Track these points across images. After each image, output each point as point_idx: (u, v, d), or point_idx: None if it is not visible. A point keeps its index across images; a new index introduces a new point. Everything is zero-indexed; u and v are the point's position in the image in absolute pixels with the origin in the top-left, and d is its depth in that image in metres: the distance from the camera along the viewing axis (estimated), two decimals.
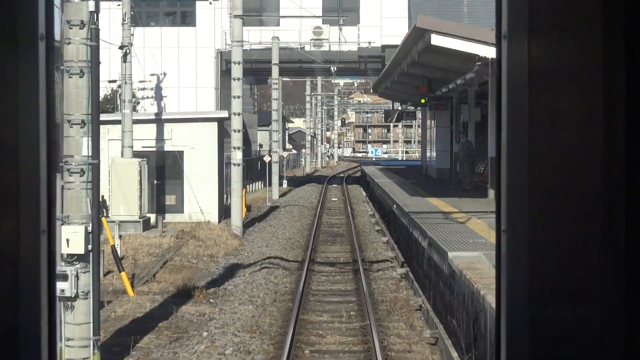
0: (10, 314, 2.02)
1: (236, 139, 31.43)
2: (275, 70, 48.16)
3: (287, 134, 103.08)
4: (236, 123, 31.47)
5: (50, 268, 2.08)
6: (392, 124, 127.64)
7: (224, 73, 53.55)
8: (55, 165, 2.11)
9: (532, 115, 2.06)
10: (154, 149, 33.98)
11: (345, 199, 46.40)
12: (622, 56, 1.85)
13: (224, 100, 53.80)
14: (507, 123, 2.14)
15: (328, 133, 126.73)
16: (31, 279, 2.04)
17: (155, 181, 34.13)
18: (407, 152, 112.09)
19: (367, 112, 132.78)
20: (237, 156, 31.41)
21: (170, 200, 34.39)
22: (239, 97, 31.51)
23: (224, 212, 34.57)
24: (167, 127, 33.98)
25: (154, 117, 34.03)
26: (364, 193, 51.80)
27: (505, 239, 2.16)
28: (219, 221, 34.07)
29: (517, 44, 2.12)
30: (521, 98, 2.08)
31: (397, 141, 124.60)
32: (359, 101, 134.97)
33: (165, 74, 52.95)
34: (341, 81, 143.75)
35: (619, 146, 1.85)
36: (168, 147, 33.81)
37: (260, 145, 65.32)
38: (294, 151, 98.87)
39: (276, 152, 49.28)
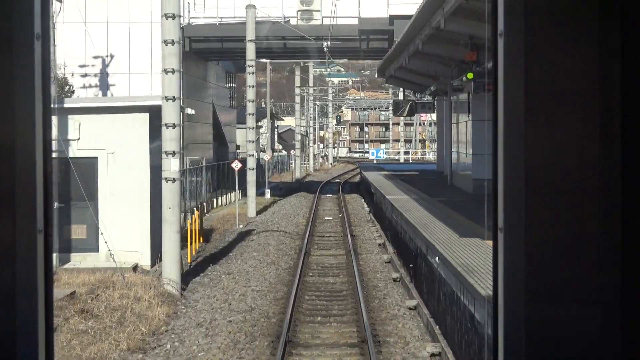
0: (7, 314, 1.98)
1: (170, 139, 19.11)
2: (250, 49, 35.83)
3: (276, 132, 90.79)
4: (170, 113, 19.15)
5: (47, 268, 2.03)
6: (391, 123, 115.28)
7: (188, 55, 41.16)
8: (51, 165, 2.06)
9: (529, 113, 1.99)
10: (54, 155, 21.60)
11: (342, 218, 34.09)
12: (619, 53, 1.88)
13: (187, 89, 41.41)
14: (504, 120, 2.03)
15: (322, 132, 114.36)
16: (28, 278, 2.00)
17: (56, 204, 21.75)
18: (406, 153, 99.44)
19: (364, 109, 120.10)
20: (172, 167, 19.08)
21: (78, 232, 22.06)
22: (173, 71, 19.18)
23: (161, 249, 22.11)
24: (73, 120, 21.69)
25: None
26: (365, 207, 39.51)
27: (502, 238, 2.04)
28: (153, 264, 21.79)
29: (514, 42, 2.02)
30: (517, 96, 2.00)
31: (397, 140, 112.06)
32: (355, 97, 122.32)
33: (112, 57, 40.57)
34: (336, 79, 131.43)
35: (616, 145, 1.89)
36: (75, 151, 21.57)
37: (238, 147, 52.84)
38: (284, 152, 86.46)
39: (252, 155, 36.92)
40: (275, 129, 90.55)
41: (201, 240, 26.53)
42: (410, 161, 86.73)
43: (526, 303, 2.02)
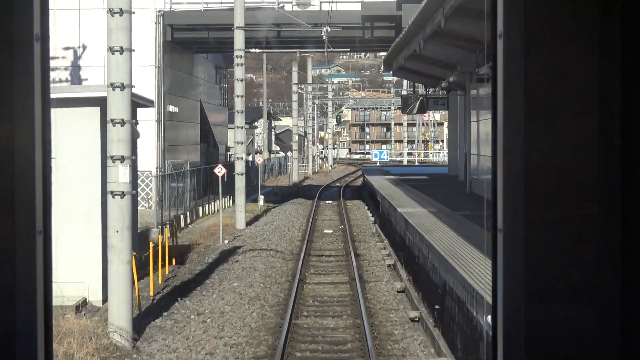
0: (7, 315, 1.96)
1: (118, 140, 14.34)
2: (239, 37, 31.08)
3: (273, 133, 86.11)
4: (118, 106, 14.40)
5: (47, 269, 2.02)
6: (389, 123, 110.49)
7: (169, 45, 36.43)
8: (50, 165, 2.04)
9: (528, 114, 1.98)
10: None
11: (345, 230, 29.31)
12: (619, 54, 1.89)
13: (170, 84, 36.64)
14: (503, 121, 2.01)
15: (321, 132, 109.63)
16: (27, 280, 1.98)
17: None
18: (409, 154, 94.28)
19: (365, 109, 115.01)
20: (121, 176, 14.32)
21: None
22: (122, 50, 14.39)
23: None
24: None
25: None
26: (369, 216, 34.77)
27: (502, 238, 2.01)
28: (106, 299, 16.99)
29: (513, 43, 1.99)
30: (517, 97, 1.98)
31: (400, 141, 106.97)
32: (355, 95, 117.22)
33: (84, 48, 35.83)
34: (336, 80, 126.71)
35: (615, 145, 1.90)
36: None
37: (229, 148, 47.96)
38: (281, 153, 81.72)
39: (241, 158, 32.14)
40: (273, 130, 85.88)
41: (174, 263, 21.75)
42: (416, 163, 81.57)
43: (525, 303, 1.97)
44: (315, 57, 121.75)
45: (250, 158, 54.76)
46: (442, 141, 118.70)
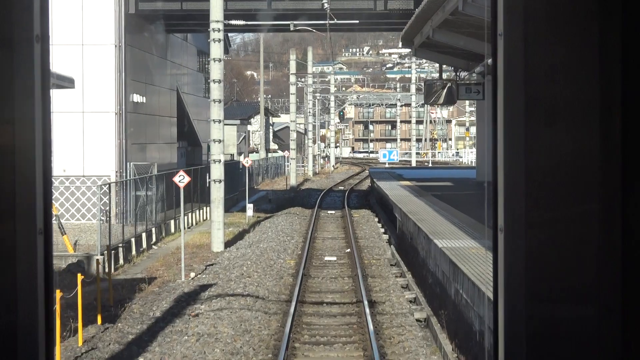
0: (8, 315, 1.91)
1: None
2: (216, 5, 23.73)
3: (271, 130, 78.71)
4: None
5: (47, 269, 1.99)
6: (394, 120, 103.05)
7: (134, 20, 28.95)
8: (51, 166, 2.01)
9: (529, 114, 1.96)
10: None
11: (352, 255, 21.94)
12: (618, 54, 1.88)
13: (135, 67, 29.15)
14: (504, 121, 1.99)
15: (323, 130, 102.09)
16: (28, 280, 1.96)
17: None
18: (416, 154, 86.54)
19: (369, 105, 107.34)
20: None
21: None
22: None
23: None
24: None
25: None
26: (381, 231, 27.43)
27: (503, 238, 1.99)
28: None
29: (514, 42, 1.98)
30: (517, 97, 1.97)
31: (407, 140, 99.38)
32: (358, 91, 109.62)
33: None
34: (338, 77, 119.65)
35: (616, 145, 1.88)
36: None
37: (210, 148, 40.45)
38: (280, 152, 74.30)
39: (219, 160, 24.78)
40: (271, 127, 78.47)
41: (99, 321, 14.29)
42: (430, 165, 73.70)
43: (526, 303, 1.95)
44: (317, 51, 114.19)
45: (242, 158, 47.45)
46: (450, 139, 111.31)
